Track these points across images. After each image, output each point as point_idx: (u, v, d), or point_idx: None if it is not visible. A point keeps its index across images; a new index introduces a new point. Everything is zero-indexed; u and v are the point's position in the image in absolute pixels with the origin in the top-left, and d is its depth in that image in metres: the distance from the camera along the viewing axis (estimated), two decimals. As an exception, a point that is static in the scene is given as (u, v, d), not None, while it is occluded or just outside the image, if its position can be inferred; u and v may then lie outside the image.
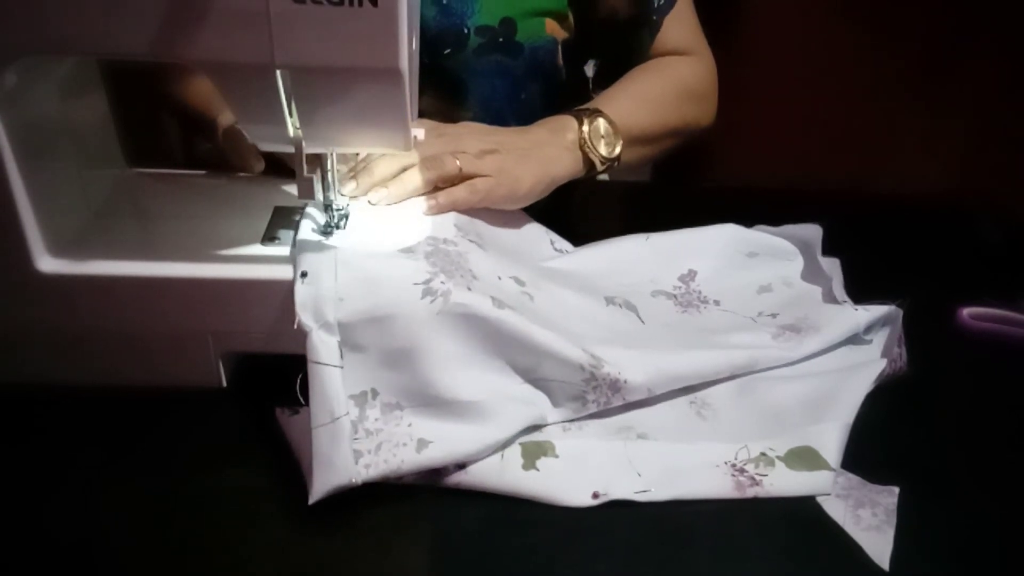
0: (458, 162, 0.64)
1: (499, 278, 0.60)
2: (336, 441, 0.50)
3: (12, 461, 0.55)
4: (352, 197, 0.62)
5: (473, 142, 0.67)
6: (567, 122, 0.73)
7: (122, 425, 0.57)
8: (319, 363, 0.51)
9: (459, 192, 0.64)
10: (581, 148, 0.72)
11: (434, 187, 0.64)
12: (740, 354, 0.62)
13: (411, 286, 0.54)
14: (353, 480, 0.50)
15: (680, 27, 0.86)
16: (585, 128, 0.72)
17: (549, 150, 0.70)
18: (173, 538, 0.50)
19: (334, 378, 0.51)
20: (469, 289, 0.55)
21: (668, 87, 0.83)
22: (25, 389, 0.57)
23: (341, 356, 0.52)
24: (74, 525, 0.50)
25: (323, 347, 0.52)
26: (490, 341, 0.55)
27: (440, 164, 0.64)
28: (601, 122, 0.73)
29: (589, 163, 0.73)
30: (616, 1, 0.84)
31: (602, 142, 0.73)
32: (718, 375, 0.62)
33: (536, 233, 0.73)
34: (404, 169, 0.64)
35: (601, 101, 0.77)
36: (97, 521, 0.51)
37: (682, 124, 0.84)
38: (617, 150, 0.74)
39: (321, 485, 0.50)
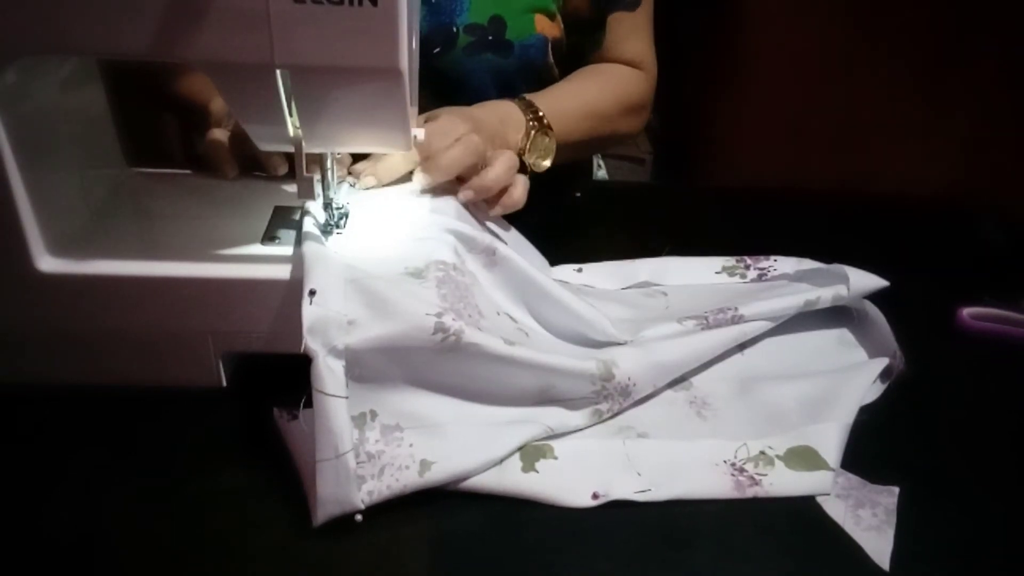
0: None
1: (497, 314, 0.60)
2: (340, 479, 0.50)
3: (12, 460, 0.55)
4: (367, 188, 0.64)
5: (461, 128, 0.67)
6: (518, 123, 0.73)
7: (122, 425, 0.57)
8: (325, 393, 0.50)
9: (500, 164, 0.65)
10: (518, 151, 0.72)
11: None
12: (732, 329, 0.64)
13: (424, 316, 0.52)
14: (357, 517, 0.50)
15: (637, 38, 0.88)
16: (531, 136, 0.73)
17: (498, 143, 0.70)
18: (172, 538, 0.50)
19: (339, 410, 0.50)
20: (479, 329, 0.55)
21: (612, 100, 0.85)
22: (25, 389, 0.57)
23: (347, 384, 0.51)
24: (73, 525, 0.50)
25: (329, 376, 0.50)
26: (500, 372, 0.55)
27: (476, 146, 0.64)
28: (547, 139, 0.74)
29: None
30: (579, 2, 0.86)
31: (537, 154, 0.74)
32: (714, 353, 0.63)
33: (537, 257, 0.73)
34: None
35: (550, 104, 0.76)
36: (96, 521, 0.51)
37: (613, 136, 0.87)
38: (545, 164, 0.75)
39: (324, 515, 0.50)
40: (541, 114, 0.74)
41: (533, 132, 0.73)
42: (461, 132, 0.65)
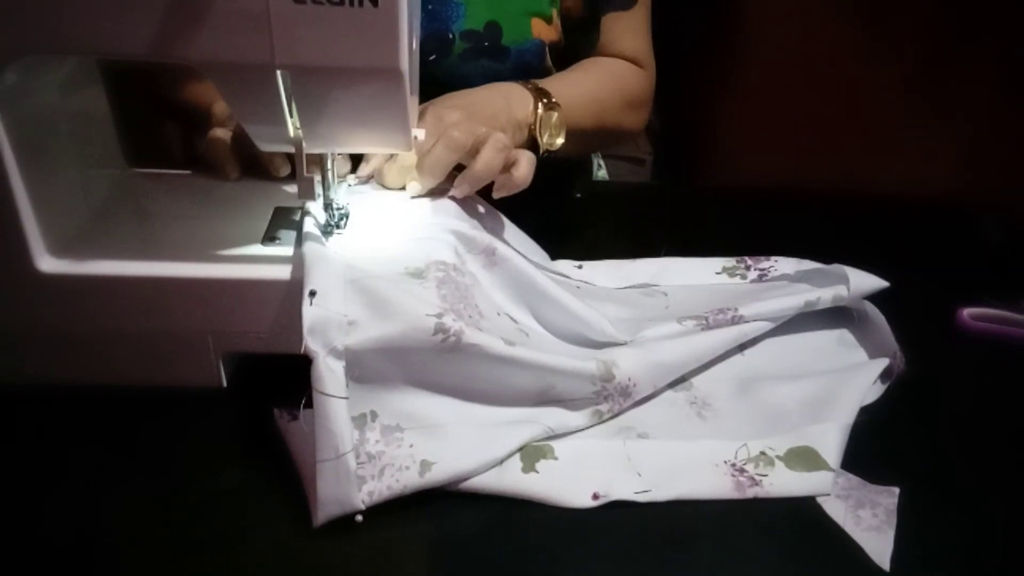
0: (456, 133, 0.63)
1: (497, 314, 0.60)
2: (340, 479, 0.49)
3: (11, 460, 0.55)
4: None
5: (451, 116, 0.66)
6: (524, 98, 0.72)
7: (121, 425, 0.57)
8: (325, 394, 0.50)
9: (487, 150, 0.62)
10: (529, 128, 0.71)
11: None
12: (732, 330, 0.64)
13: (424, 317, 0.52)
14: (358, 517, 0.50)
15: (634, 37, 0.88)
16: (540, 111, 0.72)
17: (502, 120, 0.69)
18: (172, 538, 0.50)
19: (339, 411, 0.50)
20: (479, 329, 0.54)
21: (615, 92, 0.85)
22: (25, 389, 0.57)
23: (347, 385, 0.51)
24: (72, 525, 0.50)
25: (329, 376, 0.50)
26: (500, 372, 0.55)
27: (455, 141, 0.62)
28: (555, 114, 0.72)
29: (531, 145, 0.72)
30: (572, 2, 0.86)
31: (549, 131, 0.72)
32: (714, 353, 0.64)
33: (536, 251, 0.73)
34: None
35: (554, 87, 0.75)
36: (96, 521, 0.51)
37: (617, 129, 0.87)
38: (559, 142, 0.73)
39: (324, 515, 0.50)
40: (547, 90, 0.73)
41: (541, 108, 0.72)
42: (444, 127, 0.64)
